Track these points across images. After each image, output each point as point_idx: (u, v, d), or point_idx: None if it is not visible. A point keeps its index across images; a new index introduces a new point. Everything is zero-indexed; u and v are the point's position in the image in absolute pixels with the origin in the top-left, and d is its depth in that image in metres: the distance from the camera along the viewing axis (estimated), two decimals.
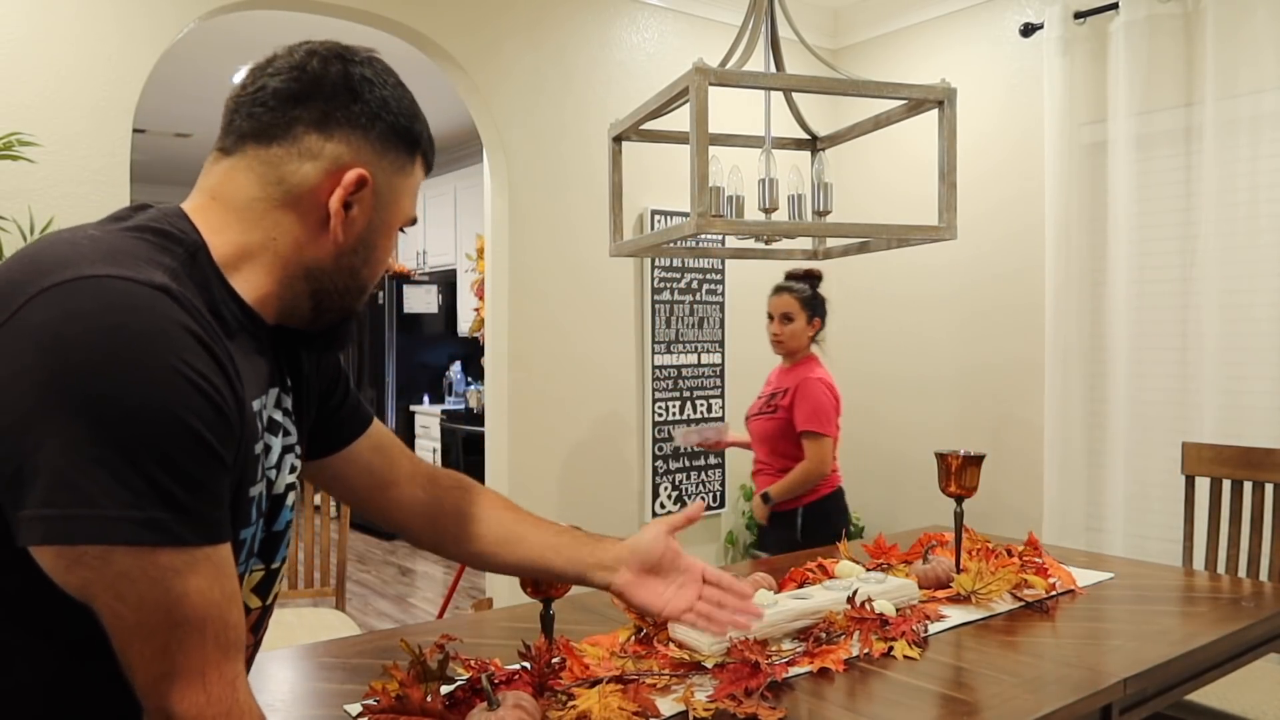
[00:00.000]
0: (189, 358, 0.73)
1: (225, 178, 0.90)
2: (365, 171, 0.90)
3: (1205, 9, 3.07)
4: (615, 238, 2.26)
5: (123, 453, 0.69)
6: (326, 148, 0.89)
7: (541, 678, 1.33)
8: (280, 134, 0.89)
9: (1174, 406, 3.22)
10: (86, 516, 0.69)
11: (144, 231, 0.82)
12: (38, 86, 2.61)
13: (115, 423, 0.69)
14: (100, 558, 0.70)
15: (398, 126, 0.93)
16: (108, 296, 0.71)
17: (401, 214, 0.97)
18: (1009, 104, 3.72)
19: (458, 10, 3.36)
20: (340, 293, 0.95)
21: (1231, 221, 3.05)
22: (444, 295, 6.55)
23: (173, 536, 0.72)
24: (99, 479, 0.69)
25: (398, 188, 0.95)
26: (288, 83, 0.89)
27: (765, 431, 3.04)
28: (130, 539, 0.70)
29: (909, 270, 4.12)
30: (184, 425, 0.72)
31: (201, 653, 0.74)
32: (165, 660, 0.73)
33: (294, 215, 0.89)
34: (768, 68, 2.15)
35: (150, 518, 0.70)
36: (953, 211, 1.96)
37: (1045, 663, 1.53)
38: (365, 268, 0.96)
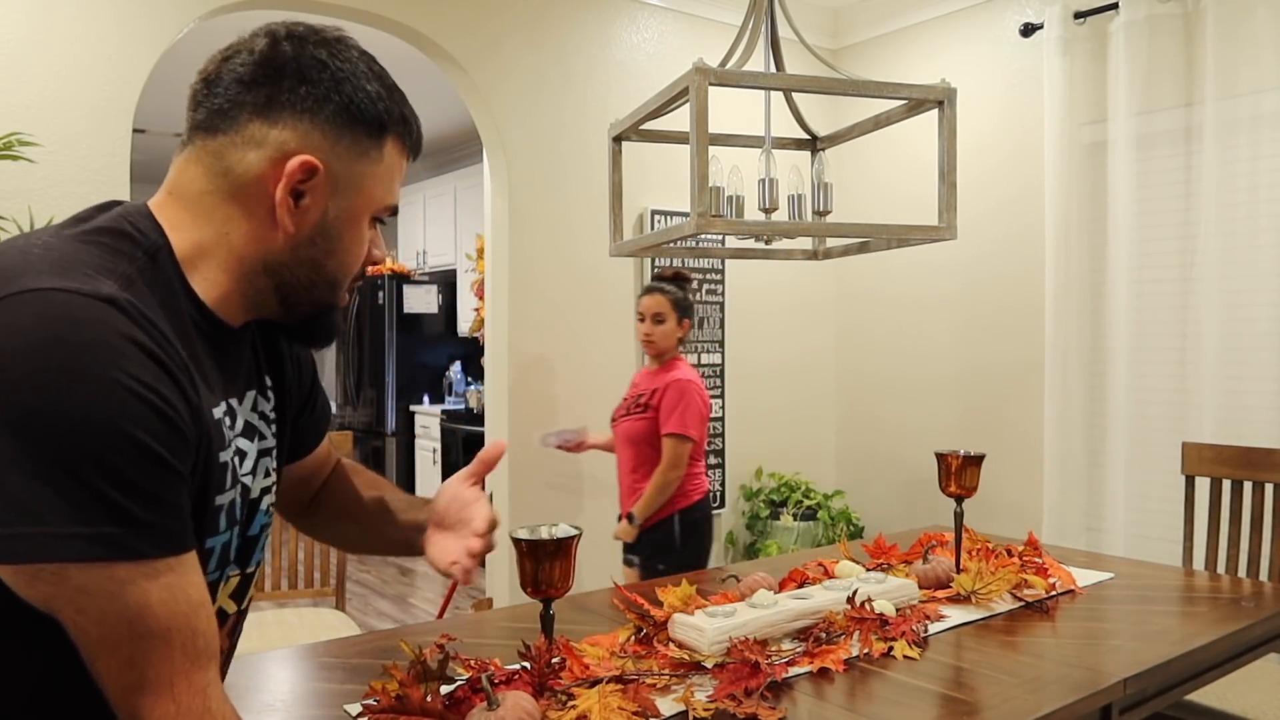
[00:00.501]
0: (133, 369, 0.71)
1: (180, 171, 0.88)
2: (312, 158, 0.85)
3: (1205, 9, 3.07)
4: (615, 238, 2.26)
5: (66, 468, 0.68)
6: (271, 134, 0.84)
7: (541, 678, 1.33)
8: (226, 123, 0.85)
9: (1174, 406, 3.22)
10: (36, 534, 0.68)
11: (102, 234, 0.80)
12: (38, 86, 2.61)
13: (58, 438, 0.68)
14: (56, 574, 0.69)
15: (354, 108, 0.87)
16: (49, 310, 0.70)
17: (370, 202, 0.91)
18: (1009, 104, 3.72)
19: (458, 10, 3.36)
20: (305, 286, 0.90)
21: (1231, 221, 3.05)
22: (444, 295, 6.54)
23: (125, 550, 0.70)
24: (44, 496, 0.67)
25: (360, 174, 0.89)
26: (237, 67, 0.85)
27: (633, 433, 2.94)
28: (81, 555, 0.69)
29: (909, 270, 4.12)
30: (128, 437, 0.70)
31: (169, 663, 0.73)
32: (132, 672, 0.72)
33: (244, 207, 0.86)
34: (768, 68, 2.15)
35: (99, 533, 0.69)
36: (953, 211, 1.96)
37: (1045, 663, 1.53)
38: (330, 259, 0.90)
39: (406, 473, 6.43)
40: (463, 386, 6.45)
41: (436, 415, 6.11)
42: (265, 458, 0.98)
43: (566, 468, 3.61)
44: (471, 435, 5.72)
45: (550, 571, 1.36)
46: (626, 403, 3.01)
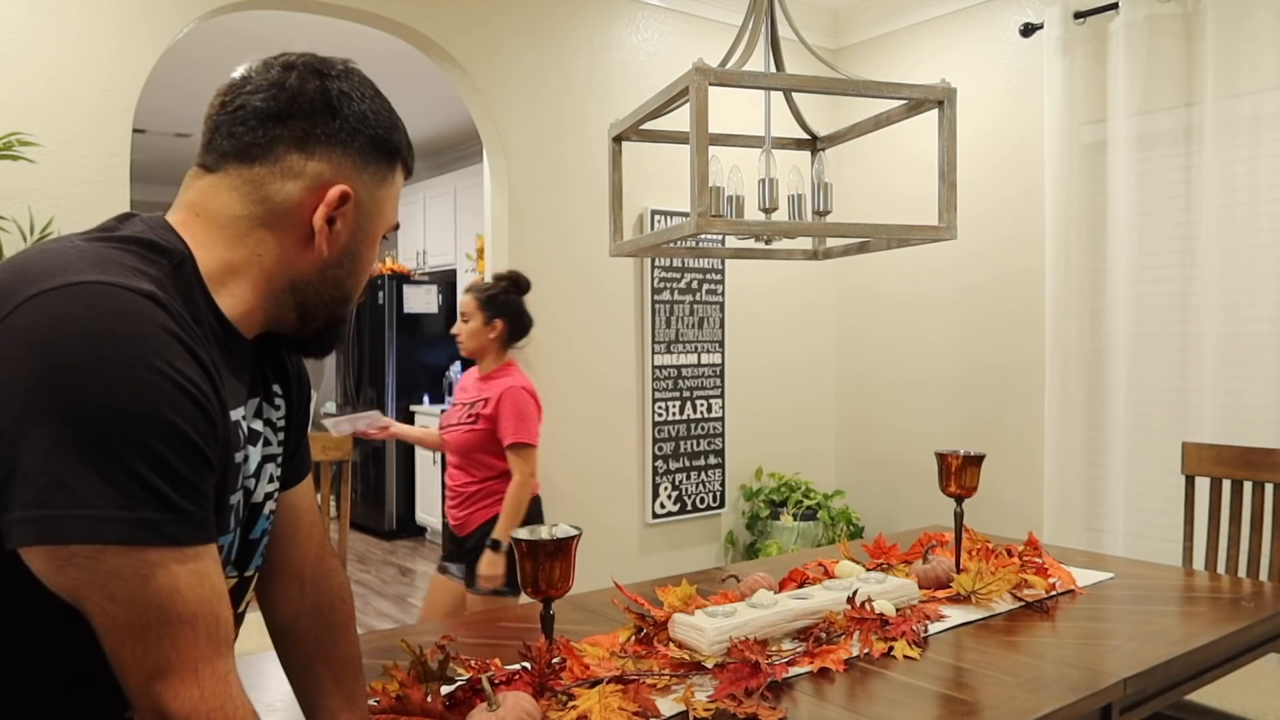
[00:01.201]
0: (176, 361, 0.75)
1: (208, 194, 0.91)
2: (347, 187, 0.92)
3: (1205, 9, 3.07)
4: (615, 238, 2.26)
5: (113, 454, 0.71)
6: (309, 166, 0.91)
7: (541, 678, 1.33)
8: (262, 153, 0.90)
9: (1174, 407, 3.22)
10: (80, 517, 0.70)
11: (130, 243, 0.84)
12: (38, 86, 2.61)
13: (105, 425, 0.71)
14: (92, 558, 0.71)
15: (377, 139, 0.95)
16: (96, 302, 0.73)
17: (384, 222, 0.99)
18: (1009, 104, 3.72)
19: (457, 10, 3.36)
20: (326, 303, 0.97)
21: (1231, 221, 3.05)
22: (444, 295, 6.54)
23: (162, 535, 0.73)
24: (90, 480, 0.70)
25: (379, 198, 0.97)
26: (267, 101, 0.90)
27: (465, 443, 2.82)
28: (122, 538, 0.71)
29: (909, 271, 4.12)
30: (172, 426, 0.74)
31: (194, 649, 0.75)
32: (158, 657, 0.74)
33: (278, 232, 0.91)
34: (768, 68, 2.15)
35: (141, 518, 0.72)
36: (953, 211, 1.96)
37: (1045, 663, 1.53)
38: (350, 278, 0.98)
39: (406, 473, 6.44)
40: None
41: (436, 415, 6.11)
42: (269, 463, 1.01)
43: (567, 469, 3.61)
44: None
45: (550, 571, 1.36)
46: (458, 410, 2.89)
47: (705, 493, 4.02)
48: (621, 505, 3.80)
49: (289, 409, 1.07)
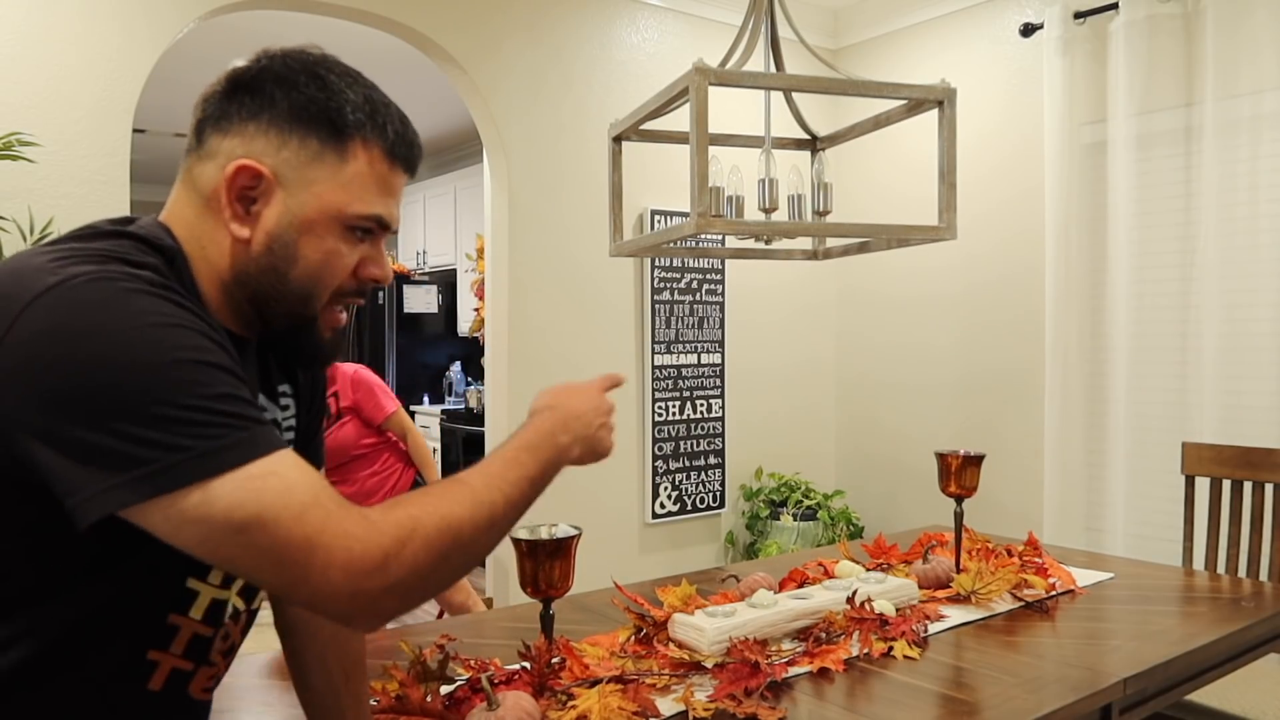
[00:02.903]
0: (192, 306, 0.78)
1: (174, 192, 0.91)
2: (251, 162, 0.85)
3: (1205, 9, 3.07)
4: (615, 238, 2.26)
5: (170, 400, 0.71)
6: (223, 144, 0.86)
7: (541, 678, 1.33)
8: (195, 141, 0.88)
9: (1174, 407, 3.22)
10: (182, 461, 0.70)
11: (123, 238, 0.83)
12: (38, 86, 2.61)
13: (155, 380, 0.71)
14: (204, 502, 0.70)
15: (299, 109, 0.86)
16: (105, 286, 0.73)
17: (329, 208, 0.88)
18: (1009, 104, 3.72)
19: (457, 9, 3.36)
20: (274, 298, 0.89)
21: (1231, 221, 3.05)
22: (444, 295, 6.54)
23: (256, 446, 0.73)
24: (163, 429, 0.70)
25: (311, 178, 0.87)
26: (209, 89, 0.89)
27: (338, 443, 2.76)
28: (228, 464, 0.71)
29: (909, 271, 4.12)
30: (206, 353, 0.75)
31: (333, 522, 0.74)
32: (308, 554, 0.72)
33: (209, 221, 0.87)
34: (768, 68, 2.15)
35: (224, 445, 0.72)
36: (953, 212, 1.96)
37: (1045, 663, 1.53)
38: (291, 268, 0.88)
39: None
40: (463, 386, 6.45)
41: (436, 415, 6.11)
42: None
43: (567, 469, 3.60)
44: (471, 435, 5.72)
45: (550, 571, 1.36)
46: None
47: (705, 493, 4.02)
48: (621, 505, 3.80)
49: (298, 410, 1.05)
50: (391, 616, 0.78)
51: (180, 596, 0.86)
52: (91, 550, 0.77)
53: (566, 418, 1.00)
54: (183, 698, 0.89)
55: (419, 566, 0.76)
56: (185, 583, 0.86)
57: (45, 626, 0.77)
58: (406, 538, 0.76)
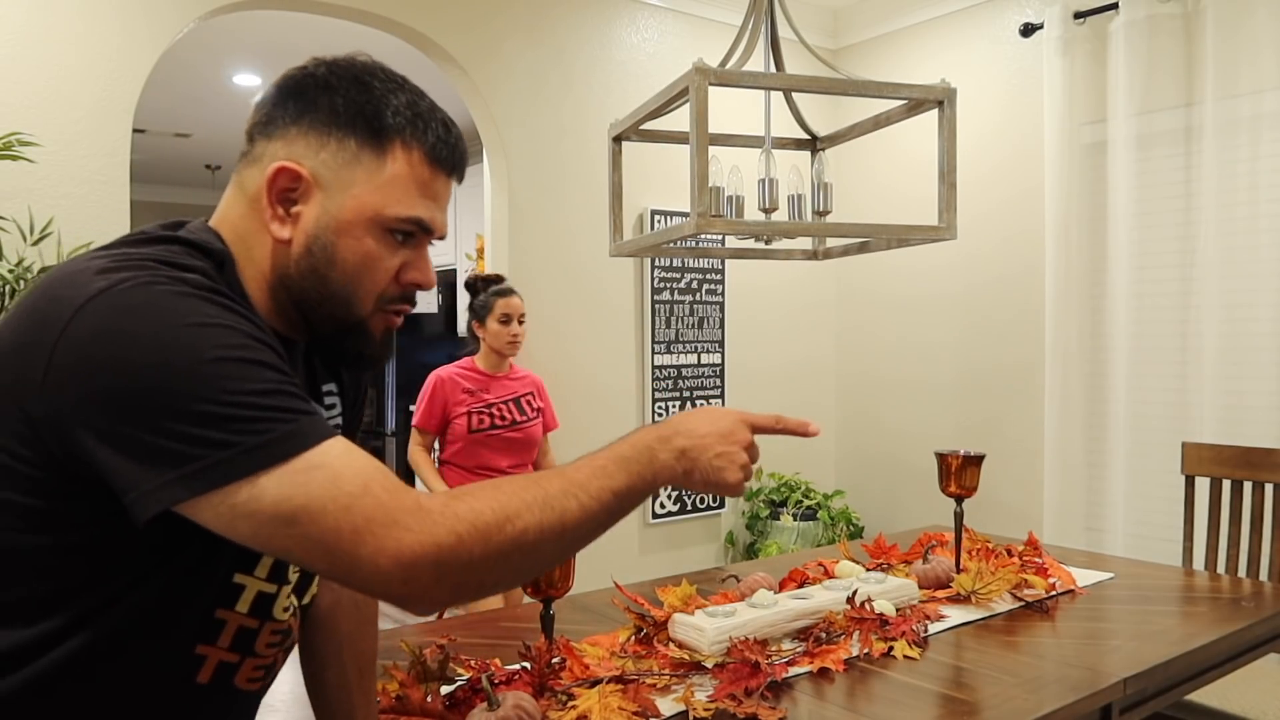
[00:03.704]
0: (240, 307, 0.79)
1: (225, 197, 0.92)
2: (290, 164, 0.86)
3: (1205, 9, 3.07)
4: (615, 238, 2.26)
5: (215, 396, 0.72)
6: (268, 148, 0.88)
7: (541, 678, 1.33)
8: (246, 147, 0.91)
9: (1174, 406, 3.22)
10: (230, 457, 0.71)
11: (173, 243, 0.84)
12: (38, 86, 2.61)
13: (200, 379, 0.72)
14: (253, 497, 0.71)
15: (337, 112, 0.87)
16: (154, 289, 0.75)
17: (366, 209, 0.88)
18: (1009, 104, 3.72)
19: (457, 10, 3.36)
20: (317, 301, 0.90)
21: (1231, 221, 3.05)
22: (444, 295, 6.54)
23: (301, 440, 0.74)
24: (213, 424, 0.71)
25: (348, 179, 0.87)
26: (263, 98, 0.91)
27: (531, 437, 2.93)
28: (274, 459, 0.72)
29: (909, 271, 4.12)
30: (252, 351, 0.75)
31: (383, 510, 0.74)
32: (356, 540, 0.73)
33: (255, 223, 0.89)
34: (768, 68, 2.15)
35: (286, 431, 0.73)
36: (953, 212, 1.96)
37: (1045, 663, 1.53)
38: (332, 270, 0.88)
39: (405, 472, 6.43)
40: None
41: None
42: None
43: None
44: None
45: (550, 572, 1.36)
46: (506, 407, 2.92)
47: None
48: None
49: (343, 409, 1.06)
50: (448, 605, 0.79)
51: (227, 591, 0.86)
52: (141, 546, 0.78)
53: (676, 434, 0.95)
54: (228, 688, 0.89)
55: (474, 562, 0.76)
56: (232, 578, 0.87)
57: (94, 621, 0.78)
58: (465, 531, 0.76)
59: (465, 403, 2.91)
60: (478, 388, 2.95)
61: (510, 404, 2.94)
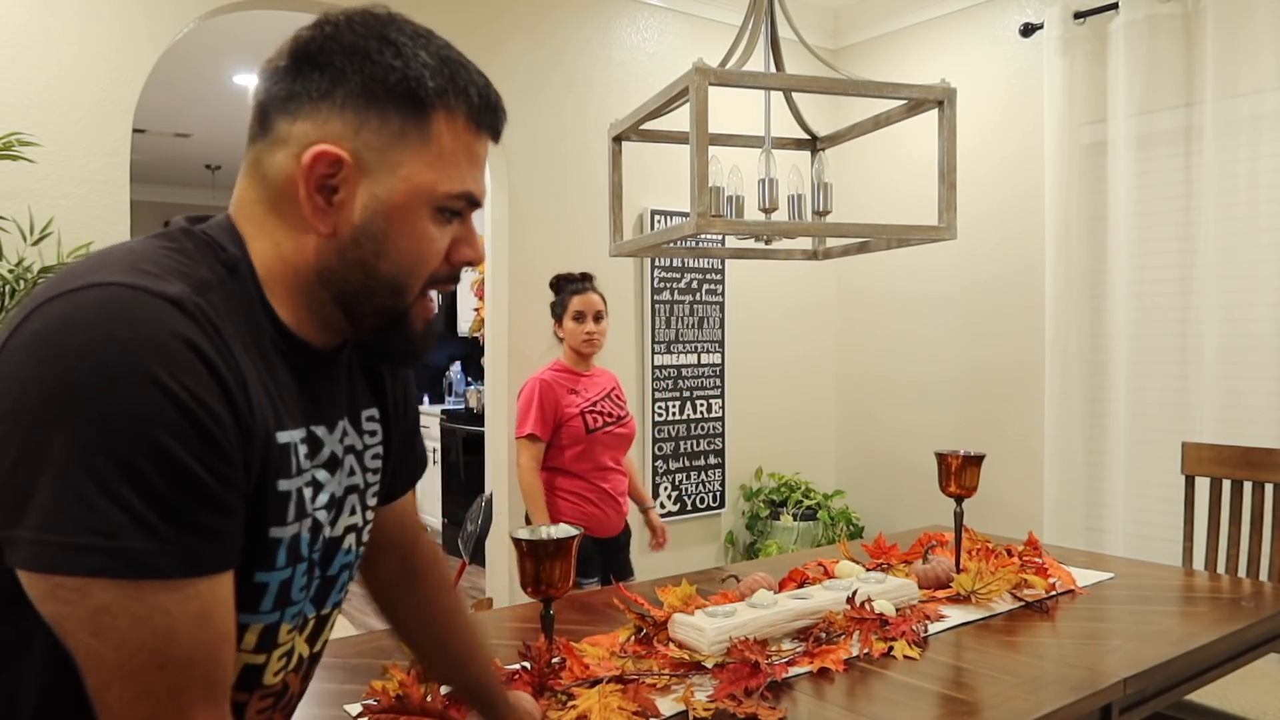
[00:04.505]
0: (183, 376, 0.67)
1: (238, 184, 0.82)
2: (332, 147, 0.76)
3: (1205, 9, 3.07)
4: (615, 238, 2.26)
5: (94, 475, 0.63)
6: (294, 129, 0.77)
7: (541, 678, 1.33)
8: (259, 126, 0.79)
9: (1174, 407, 3.22)
10: (55, 543, 0.63)
11: (186, 241, 0.77)
12: (38, 86, 2.61)
13: (93, 443, 0.64)
14: (77, 590, 0.64)
15: (375, 84, 0.77)
16: (110, 306, 0.67)
17: (420, 190, 0.79)
18: (1009, 104, 3.72)
19: (457, 9, 3.36)
20: (363, 294, 0.81)
21: (1231, 221, 3.05)
22: (444, 295, 6.54)
23: (145, 568, 0.65)
24: (67, 502, 0.63)
25: (396, 159, 0.78)
26: (270, 65, 0.79)
27: (632, 432, 2.95)
28: (95, 569, 0.63)
29: (909, 271, 4.12)
30: (162, 448, 0.65)
31: (188, 695, 0.68)
32: (147, 705, 0.67)
33: (285, 215, 0.79)
34: (768, 68, 2.15)
35: (120, 547, 0.64)
36: (953, 211, 1.96)
37: (1045, 663, 1.53)
38: (381, 260, 0.80)
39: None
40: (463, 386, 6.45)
41: (436, 415, 6.11)
42: (352, 494, 0.90)
43: None
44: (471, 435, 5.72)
45: (550, 571, 1.37)
46: (608, 405, 2.91)
47: (705, 493, 4.02)
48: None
49: (385, 436, 0.96)
50: None
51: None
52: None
53: None
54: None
55: None
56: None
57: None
58: None
59: (575, 403, 2.83)
60: (579, 387, 2.87)
61: (608, 399, 2.91)
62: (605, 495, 2.84)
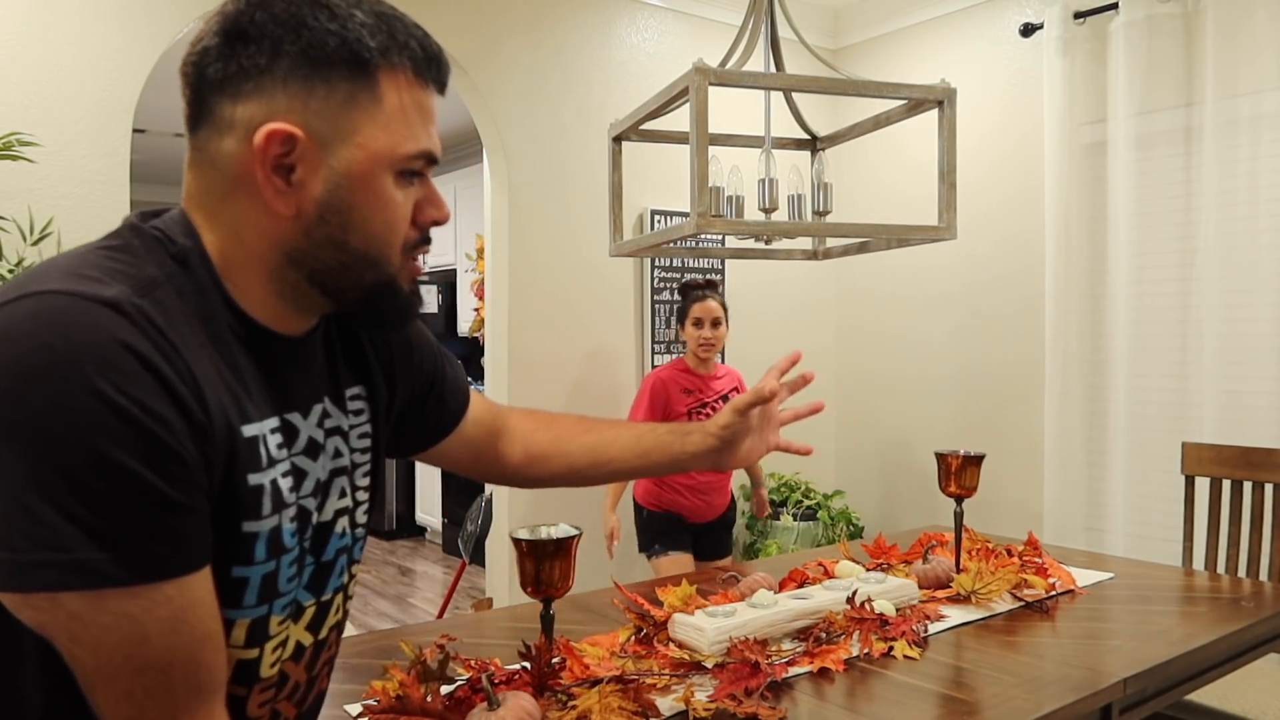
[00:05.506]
0: (121, 381, 0.65)
1: (186, 177, 0.80)
2: (284, 125, 0.74)
3: (1205, 9, 3.07)
4: (615, 238, 2.26)
5: (39, 490, 0.63)
6: (237, 112, 0.74)
7: (541, 678, 1.33)
8: (200, 112, 0.76)
9: (1174, 406, 3.22)
10: (13, 562, 0.63)
11: (133, 238, 0.76)
12: (38, 86, 2.61)
13: (31, 456, 0.63)
14: (48, 601, 0.64)
15: (314, 51, 0.74)
16: (44, 315, 0.65)
17: (379, 156, 0.77)
18: (1009, 104, 3.72)
19: (457, 9, 3.36)
20: (338, 271, 0.79)
21: (1231, 221, 3.05)
22: (444, 295, 6.54)
23: (107, 578, 0.64)
24: (16, 520, 0.63)
25: (349, 124, 0.76)
26: (196, 48, 0.76)
27: None
28: (53, 584, 0.63)
29: (909, 270, 4.12)
30: (104, 456, 0.64)
31: (169, 697, 0.68)
32: (131, 706, 0.68)
33: (241, 201, 0.77)
34: (768, 68, 2.15)
35: (75, 559, 0.63)
36: (953, 211, 1.96)
37: (1045, 663, 1.53)
38: (351, 234, 0.78)
39: (406, 472, 6.43)
40: None
41: None
42: (339, 477, 0.90)
43: None
44: None
45: (550, 571, 1.36)
46: (720, 404, 3.09)
47: None
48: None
49: (373, 414, 0.95)
50: None
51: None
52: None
53: None
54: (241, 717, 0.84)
55: None
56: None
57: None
58: None
59: (685, 402, 3.06)
60: (694, 387, 3.09)
61: (720, 402, 3.09)
62: (694, 488, 3.10)
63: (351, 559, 0.94)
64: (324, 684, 0.97)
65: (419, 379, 1.07)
